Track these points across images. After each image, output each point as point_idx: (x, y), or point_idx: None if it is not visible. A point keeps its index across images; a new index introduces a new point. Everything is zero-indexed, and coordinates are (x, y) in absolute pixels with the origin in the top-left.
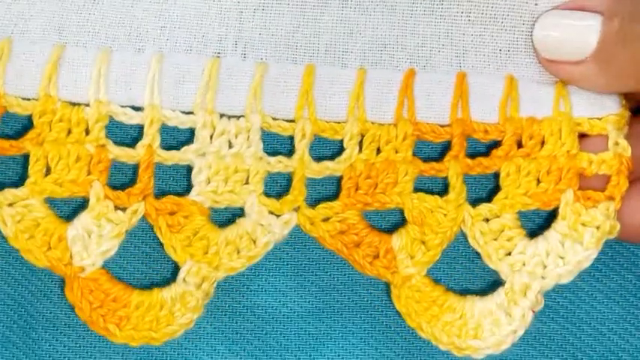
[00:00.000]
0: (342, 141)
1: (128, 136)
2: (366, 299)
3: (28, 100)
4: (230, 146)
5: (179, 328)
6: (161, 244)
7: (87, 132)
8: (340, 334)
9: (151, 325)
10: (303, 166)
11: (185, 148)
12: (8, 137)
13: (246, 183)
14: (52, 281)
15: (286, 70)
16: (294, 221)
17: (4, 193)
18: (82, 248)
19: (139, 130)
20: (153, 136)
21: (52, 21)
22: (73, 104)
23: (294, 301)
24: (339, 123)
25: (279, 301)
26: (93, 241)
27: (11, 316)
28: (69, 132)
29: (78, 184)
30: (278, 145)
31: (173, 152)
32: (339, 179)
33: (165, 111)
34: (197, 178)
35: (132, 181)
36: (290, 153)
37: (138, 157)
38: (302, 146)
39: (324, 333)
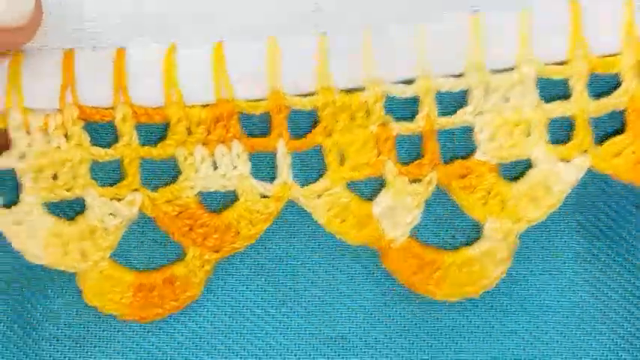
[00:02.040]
0: (614, 75)
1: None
2: (366, 299)
3: (306, 95)
4: (506, 100)
5: (492, 280)
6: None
7: (367, 114)
8: (340, 334)
9: (467, 282)
10: (584, 107)
11: (461, 110)
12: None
13: (528, 135)
14: (52, 281)
15: (552, 10)
16: (586, 164)
17: (310, 188)
18: (390, 222)
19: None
20: (430, 105)
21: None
22: (349, 91)
23: (294, 301)
24: (610, 56)
25: (279, 301)
26: (398, 213)
27: (11, 316)
28: (352, 118)
29: (371, 166)
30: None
31: (450, 117)
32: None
33: (435, 79)
34: (479, 137)
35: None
36: (564, 96)
37: (419, 128)
38: (579, 87)
39: (324, 333)
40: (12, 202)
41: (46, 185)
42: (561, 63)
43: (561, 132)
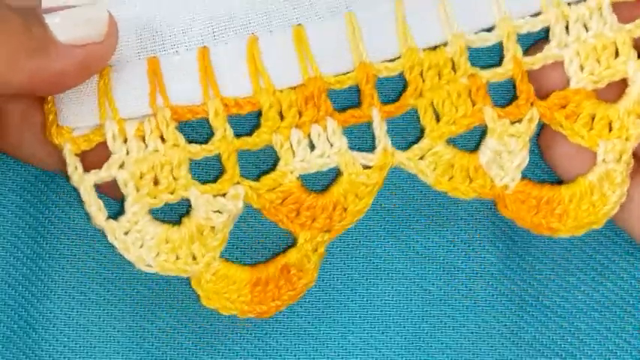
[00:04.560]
0: None
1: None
2: (365, 299)
3: (392, 60)
4: (587, 30)
5: (614, 205)
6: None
7: (453, 69)
8: (340, 334)
9: (589, 212)
10: None
11: (547, 46)
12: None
13: (617, 56)
14: (51, 281)
15: None
16: None
17: (412, 151)
18: (499, 169)
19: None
20: (514, 48)
21: None
22: (432, 48)
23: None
24: None
25: None
26: (505, 158)
27: (11, 316)
28: (439, 75)
29: (469, 117)
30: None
31: (538, 56)
32: None
33: (515, 21)
34: (571, 69)
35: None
36: None
37: (508, 72)
38: None
39: (324, 333)
40: (118, 214)
41: (149, 191)
42: None
43: None
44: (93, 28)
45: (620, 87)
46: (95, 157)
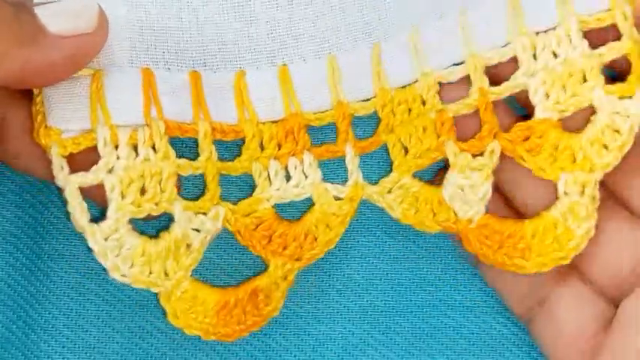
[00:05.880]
0: None
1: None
2: (365, 299)
3: (367, 100)
4: (555, 56)
5: (581, 240)
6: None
7: (423, 103)
8: (340, 334)
9: (554, 247)
10: (637, 41)
11: (513, 75)
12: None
13: (584, 81)
14: (50, 282)
15: None
16: None
17: (380, 184)
18: (462, 202)
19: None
20: (481, 80)
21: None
22: (403, 87)
23: (294, 301)
24: None
25: None
26: (468, 192)
27: (10, 317)
28: (409, 112)
29: (434, 150)
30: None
31: (504, 85)
32: None
33: (484, 54)
34: (536, 98)
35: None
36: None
37: (474, 104)
38: (628, 27)
39: (324, 333)
40: (99, 218)
41: (134, 200)
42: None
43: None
44: (83, 20)
45: (588, 116)
46: (83, 161)
